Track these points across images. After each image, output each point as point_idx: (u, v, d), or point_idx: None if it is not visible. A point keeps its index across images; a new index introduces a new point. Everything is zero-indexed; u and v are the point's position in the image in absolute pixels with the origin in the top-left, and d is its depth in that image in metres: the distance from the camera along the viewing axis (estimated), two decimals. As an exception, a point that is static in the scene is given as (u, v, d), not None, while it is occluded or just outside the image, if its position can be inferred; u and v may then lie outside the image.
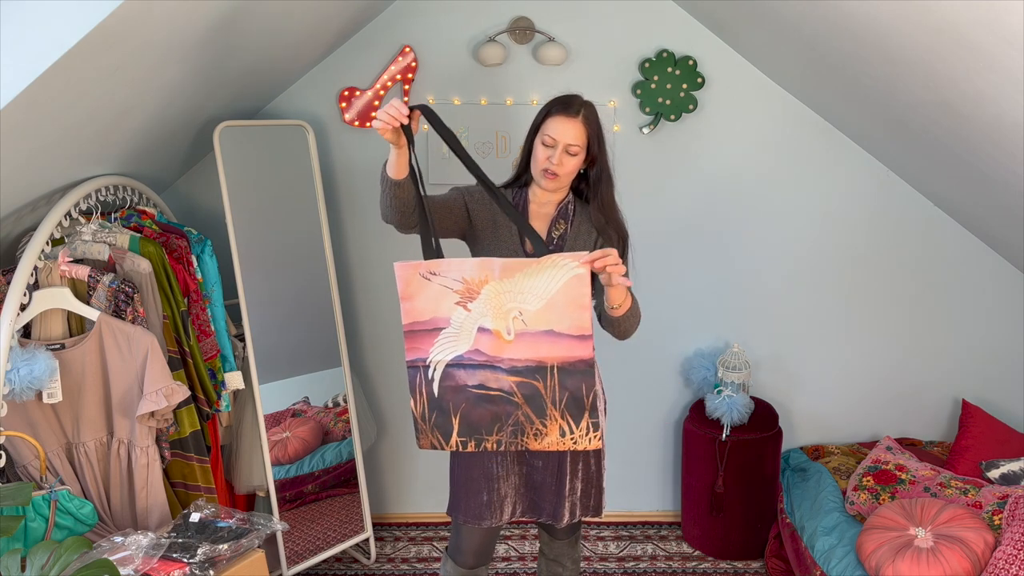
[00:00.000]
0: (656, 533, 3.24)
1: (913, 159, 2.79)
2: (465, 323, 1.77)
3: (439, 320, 1.78)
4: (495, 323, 1.75)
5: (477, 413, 1.80)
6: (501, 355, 1.76)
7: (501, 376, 1.77)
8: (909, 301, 3.13)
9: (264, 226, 2.71)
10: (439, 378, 1.80)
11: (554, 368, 1.75)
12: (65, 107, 1.80)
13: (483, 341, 1.77)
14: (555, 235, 2.05)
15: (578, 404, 1.76)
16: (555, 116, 1.95)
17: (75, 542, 1.71)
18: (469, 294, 1.76)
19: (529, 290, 1.73)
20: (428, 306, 1.78)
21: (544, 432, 1.79)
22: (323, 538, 2.82)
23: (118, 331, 2.14)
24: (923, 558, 2.16)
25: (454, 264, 1.76)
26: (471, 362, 1.78)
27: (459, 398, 1.80)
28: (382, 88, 2.88)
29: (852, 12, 1.98)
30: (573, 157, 1.96)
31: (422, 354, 1.80)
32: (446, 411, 1.82)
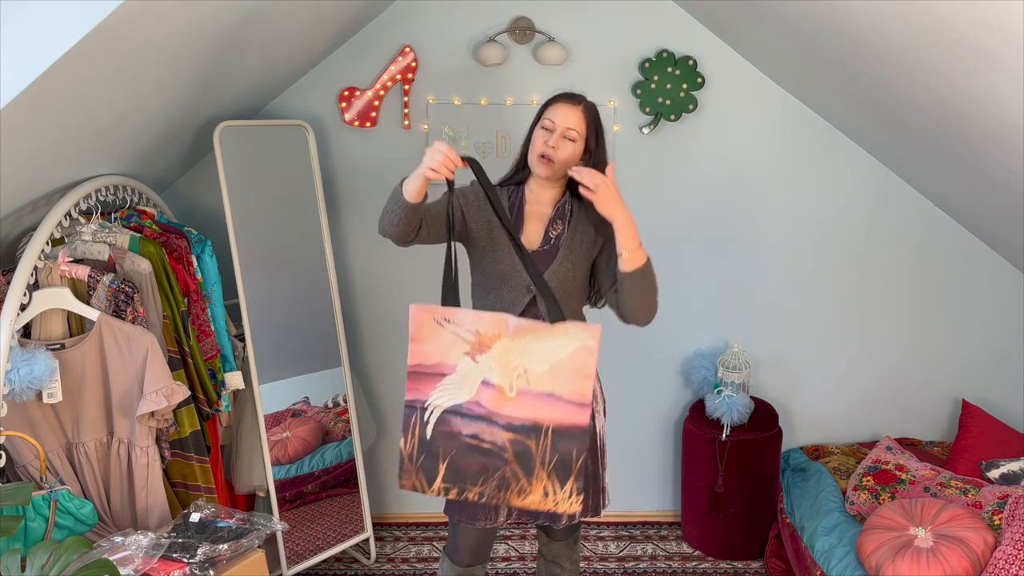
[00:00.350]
0: (656, 533, 3.24)
1: (913, 159, 2.79)
2: (470, 374, 1.79)
3: (445, 367, 1.80)
4: (500, 379, 1.77)
5: (466, 462, 1.80)
6: (500, 411, 1.77)
7: (496, 431, 1.77)
8: (909, 301, 3.13)
9: (264, 226, 2.71)
10: (434, 422, 1.81)
11: (549, 430, 1.76)
12: (65, 107, 1.80)
13: (485, 394, 1.78)
14: (552, 235, 2.04)
15: (566, 468, 1.76)
16: (557, 103, 1.99)
17: (75, 542, 1.71)
18: (480, 347, 1.78)
19: (538, 352, 1.76)
20: (437, 351, 1.80)
21: (528, 491, 1.79)
22: (323, 538, 2.82)
23: (118, 331, 2.14)
24: (923, 558, 2.16)
25: (470, 315, 1.78)
26: (469, 412, 1.79)
27: (450, 444, 1.80)
28: (382, 88, 2.88)
29: (852, 12, 1.98)
30: (571, 143, 1.97)
31: (422, 396, 1.81)
32: (435, 455, 1.81)
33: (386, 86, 2.87)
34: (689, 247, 3.09)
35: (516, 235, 1.98)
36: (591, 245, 2.05)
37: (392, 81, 2.87)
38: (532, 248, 2.05)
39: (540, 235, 2.05)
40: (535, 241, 2.05)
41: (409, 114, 2.92)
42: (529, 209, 2.06)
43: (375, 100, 2.89)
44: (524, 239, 2.05)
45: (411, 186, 1.88)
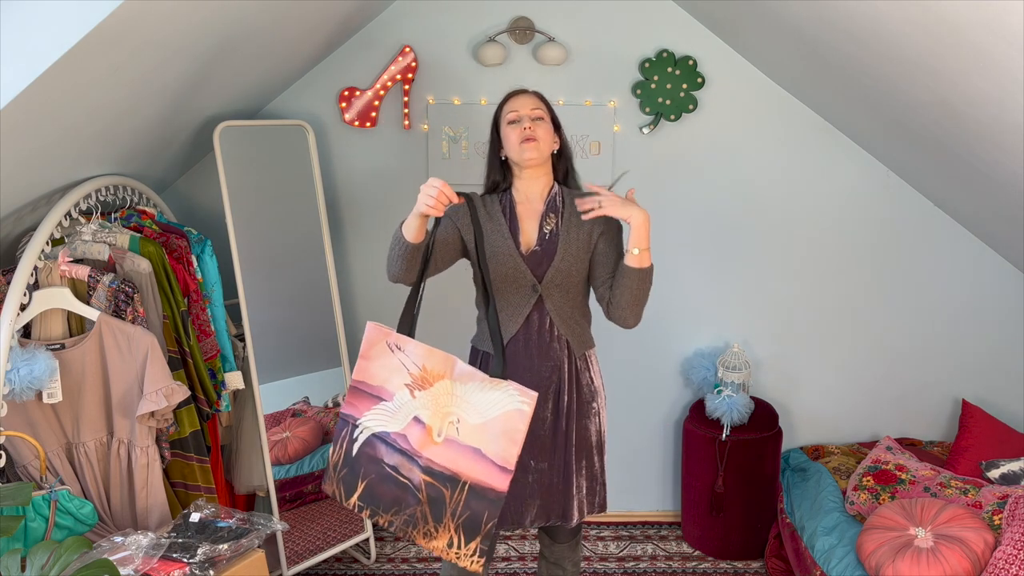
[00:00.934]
0: (656, 533, 3.24)
1: (913, 159, 2.79)
2: (405, 406, 1.78)
3: (385, 392, 1.81)
4: (430, 420, 1.76)
5: (382, 489, 1.81)
6: (423, 451, 1.76)
7: (415, 470, 1.77)
8: (909, 301, 3.13)
9: (264, 226, 2.71)
10: (361, 442, 1.82)
11: (466, 485, 1.73)
12: (65, 107, 1.80)
13: (413, 431, 1.77)
14: (547, 230, 2.06)
15: (475, 527, 1.73)
16: (510, 98, 2.08)
17: (75, 542, 1.71)
18: (422, 382, 1.77)
19: (474, 404, 1.73)
20: (381, 374, 1.81)
21: (434, 535, 1.77)
22: (323, 538, 2.82)
23: (118, 331, 2.14)
24: (923, 558, 2.16)
25: (421, 349, 1.78)
26: (395, 443, 1.79)
27: (371, 468, 1.81)
28: (382, 88, 2.88)
29: (852, 12, 1.98)
30: (541, 121, 2.03)
31: (356, 413, 1.84)
32: (356, 473, 1.83)
33: (386, 86, 2.87)
34: (689, 247, 3.09)
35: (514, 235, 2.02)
36: (588, 235, 2.06)
37: (392, 81, 2.87)
38: (529, 248, 2.05)
39: (535, 233, 2.06)
40: (531, 241, 2.06)
41: (409, 114, 2.92)
42: (521, 209, 2.08)
43: (375, 100, 2.89)
44: (522, 239, 2.06)
45: (410, 226, 1.88)
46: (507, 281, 2.03)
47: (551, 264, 2.02)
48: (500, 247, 2.03)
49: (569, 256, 2.03)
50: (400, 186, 3.00)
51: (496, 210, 2.08)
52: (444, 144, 2.94)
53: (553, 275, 2.02)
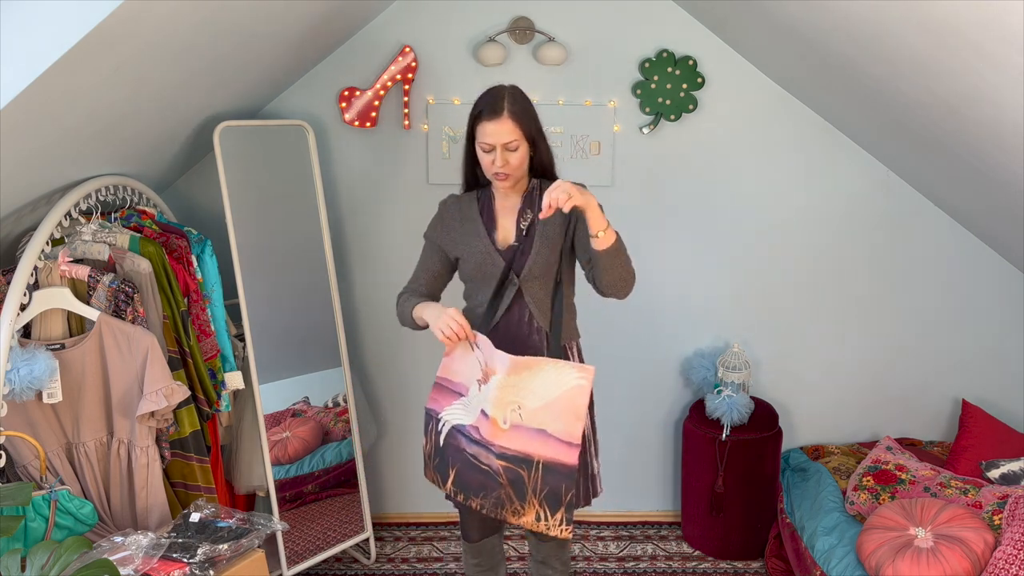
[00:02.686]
0: (656, 533, 3.24)
1: (913, 159, 2.79)
2: (475, 400, 1.94)
3: (463, 387, 1.97)
4: (494, 411, 1.89)
5: (468, 475, 1.95)
6: (494, 440, 1.89)
7: (491, 457, 1.90)
8: (909, 301, 3.13)
9: (264, 226, 2.71)
10: (445, 433, 1.98)
11: (539, 463, 1.85)
12: (65, 107, 1.80)
13: (482, 423, 1.92)
14: (523, 226, 2.09)
15: (556, 499, 1.85)
16: (483, 122, 1.98)
17: (75, 542, 1.71)
18: (485, 377, 1.93)
19: (533, 389, 1.86)
20: (462, 369, 1.98)
21: (522, 512, 1.90)
22: (323, 538, 2.82)
23: (118, 331, 2.14)
24: (923, 558, 2.16)
25: (485, 347, 1.93)
26: (470, 435, 1.94)
27: (457, 457, 1.97)
28: (382, 88, 2.87)
29: (852, 12, 1.98)
30: (515, 152, 2.00)
31: (438, 407, 2.00)
32: (446, 461, 1.99)
33: (386, 86, 2.87)
34: (689, 247, 3.09)
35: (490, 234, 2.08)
36: (562, 226, 2.09)
37: (392, 81, 2.87)
38: (508, 244, 2.10)
39: (513, 230, 2.10)
40: (509, 237, 2.11)
41: (409, 114, 2.92)
42: (499, 206, 2.12)
43: (375, 100, 2.89)
44: (499, 236, 2.11)
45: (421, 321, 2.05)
46: (485, 277, 2.09)
47: (527, 259, 2.06)
48: (477, 246, 2.08)
49: (546, 249, 2.06)
50: (400, 186, 3.00)
51: (473, 210, 2.12)
52: (444, 144, 2.94)
53: (531, 267, 2.05)
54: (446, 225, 2.15)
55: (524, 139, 2.00)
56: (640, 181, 3.02)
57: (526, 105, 2.02)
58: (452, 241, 2.13)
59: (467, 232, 2.10)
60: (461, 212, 2.13)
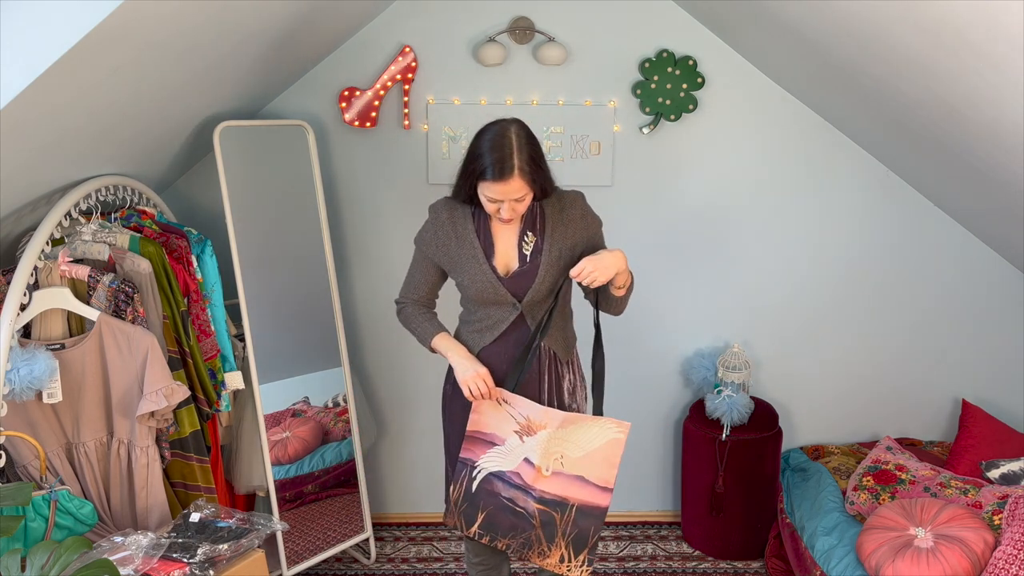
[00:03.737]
0: (656, 533, 3.24)
1: (913, 159, 2.79)
2: (516, 449, 2.08)
3: (496, 437, 2.10)
4: (540, 460, 2.06)
5: (500, 517, 2.09)
6: (535, 485, 2.05)
7: (529, 500, 2.05)
8: (909, 301, 3.13)
9: (264, 226, 2.71)
10: (480, 480, 2.10)
11: (574, 507, 2.03)
12: (65, 107, 1.80)
13: (524, 469, 2.07)
14: (526, 251, 2.04)
15: (583, 541, 2.03)
16: (490, 181, 1.88)
17: (75, 542, 1.71)
18: (528, 430, 2.07)
19: (575, 441, 2.04)
20: (492, 422, 2.10)
21: (547, 554, 2.05)
22: (323, 538, 2.82)
23: (118, 331, 2.14)
24: (923, 558, 2.16)
25: (525, 403, 2.08)
26: (510, 480, 2.08)
27: (490, 500, 2.09)
28: (382, 88, 2.88)
29: (852, 12, 1.98)
30: (522, 202, 1.94)
31: (474, 457, 2.12)
32: (476, 506, 2.11)
33: (386, 86, 2.87)
34: (689, 247, 3.09)
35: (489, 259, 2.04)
36: (571, 249, 2.07)
37: (392, 81, 2.87)
38: (511, 270, 2.06)
39: (515, 253, 2.05)
40: (512, 262, 2.06)
41: (409, 114, 2.92)
42: (496, 226, 2.06)
43: (375, 100, 2.89)
44: (498, 262, 2.05)
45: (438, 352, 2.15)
46: (486, 301, 2.08)
47: (532, 284, 2.04)
48: (477, 273, 2.04)
49: (551, 275, 2.05)
50: (400, 186, 3.00)
51: (468, 228, 2.05)
52: (444, 144, 2.94)
53: (534, 294, 2.05)
54: (440, 241, 2.07)
55: (529, 190, 1.93)
56: (640, 181, 3.02)
57: (532, 151, 1.92)
58: (448, 259, 2.08)
59: (464, 255, 2.05)
60: (455, 228, 2.05)
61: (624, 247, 3.01)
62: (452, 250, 2.06)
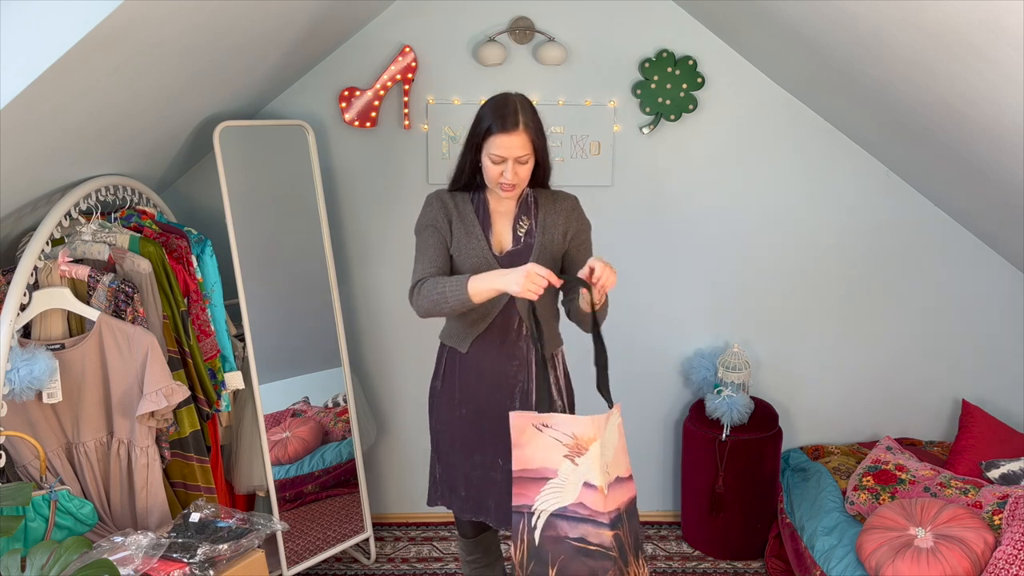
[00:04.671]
0: (656, 533, 3.24)
1: (913, 159, 2.79)
2: (571, 476, 1.79)
3: (547, 471, 1.81)
4: (600, 479, 1.76)
5: (574, 567, 1.78)
6: (602, 509, 1.76)
7: (603, 531, 1.76)
8: (909, 301, 3.13)
9: (264, 226, 2.71)
10: (541, 527, 1.81)
11: (624, 514, 1.80)
12: (65, 107, 1.80)
13: (587, 496, 1.77)
14: (520, 233, 2.09)
15: (640, 542, 1.84)
16: (496, 135, 1.94)
17: (75, 542, 1.71)
18: (577, 449, 1.79)
19: (609, 443, 1.82)
20: (537, 455, 1.82)
21: None
22: (323, 538, 2.82)
23: (118, 331, 2.14)
24: (923, 558, 2.16)
25: (565, 420, 1.81)
26: (574, 515, 1.79)
27: (558, 549, 1.79)
28: (382, 88, 2.88)
29: (852, 13, 1.98)
30: (525, 165, 1.98)
31: (528, 500, 1.82)
32: (544, 562, 1.80)
33: (386, 86, 2.87)
34: (689, 247, 3.09)
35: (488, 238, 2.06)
36: (563, 236, 2.10)
37: (392, 81, 2.87)
38: (505, 249, 2.09)
39: (510, 235, 2.10)
40: (506, 242, 2.10)
41: (409, 114, 2.92)
42: (494, 208, 2.12)
43: (375, 100, 2.89)
44: (495, 241, 2.10)
45: (485, 294, 1.92)
46: None
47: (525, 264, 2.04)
48: (474, 248, 2.07)
49: (544, 259, 2.06)
50: (400, 186, 3.00)
51: (468, 210, 2.10)
52: (444, 144, 2.94)
53: None
54: (446, 212, 2.09)
55: (534, 153, 1.99)
56: (640, 181, 3.02)
57: (537, 118, 2.00)
58: (450, 233, 2.10)
59: (464, 231, 2.08)
60: (457, 208, 2.10)
61: (624, 247, 3.04)
62: (455, 224, 2.09)
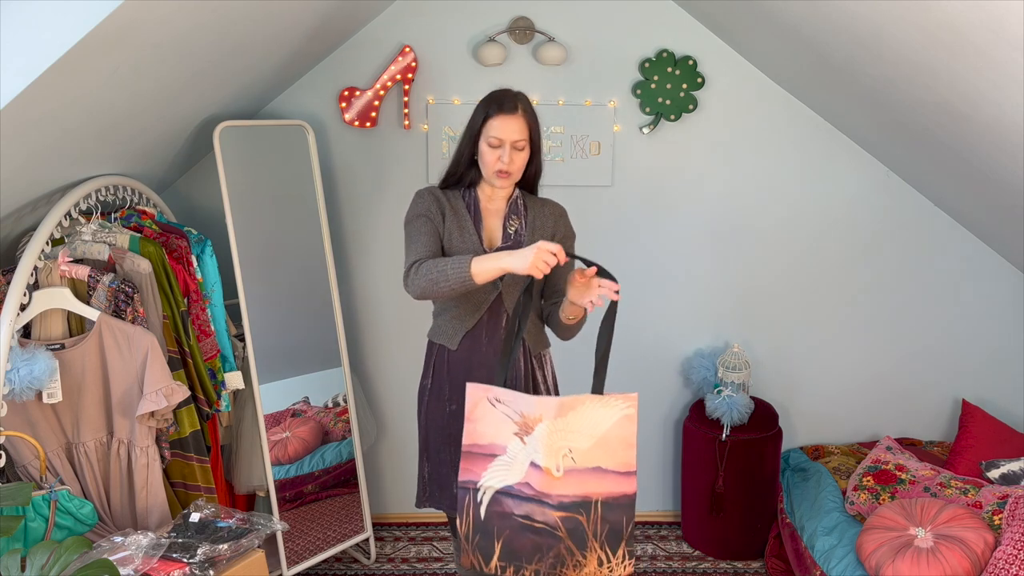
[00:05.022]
0: (656, 533, 3.24)
1: (913, 159, 2.79)
2: (519, 455, 1.82)
3: (496, 447, 1.83)
4: (546, 460, 1.78)
5: (520, 541, 1.82)
6: (550, 491, 1.78)
7: (548, 511, 1.79)
8: (909, 301, 3.13)
9: (264, 226, 2.71)
10: (487, 502, 1.83)
11: (598, 503, 1.79)
12: (65, 107, 1.80)
13: (533, 476, 1.80)
14: (511, 231, 2.11)
15: (617, 536, 1.80)
16: (495, 116, 2.00)
17: (75, 542, 1.71)
18: (526, 428, 1.81)
19: (579, 429, 1.78)
20: (488, 431, 1.83)
21: (583, 563, 1.82)
22: (323, 538, 2.82)
23: (118, 331, 2.14)
24: (923, 558, 2.16)
25: (518, 397, 1.82)
26: (520, 493, 1.81)
27: (504, 524, 1.82)
28: (382, 88, 2.87)
29: (852, 13, 1.98)
30: (521, 152, 2.02)
31: (474, 477, 1.84)
32: (490, 535, 1.83)
33: (386, 86, 2.87)
34: (689, 247, 3.09)
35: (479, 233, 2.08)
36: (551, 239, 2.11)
37: (392, 81, 2.87)
38: (495, 245, 2.11)
39: (500, 232, 2.12)
40: (497, 239, 2.12)
41: (409, 114, 2.92)
42: (484, 206, 2.13)
43: (375, 100, 2.89)
44: (485, 236, 2.11)
45: (490, 273, 1.91)
46: None
47: None
48: (466, 242, 2.08)
49: None
50: (400, 186, 3.00)
51: (460, 205, 2.12)
52: (444, 144, 2.94)
53: (512, 276, 2.03)
54: (438, 205, 2.09)
55: (530, 143, 2.03)
56: (640, 181, 3.02)
57: (534, 111, 2.06)
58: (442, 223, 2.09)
59: (457, 225, 2.09)
60: (449, 203, 2.11)
61: (624, 246, 3.04)
62: (448, 217, 2.10)
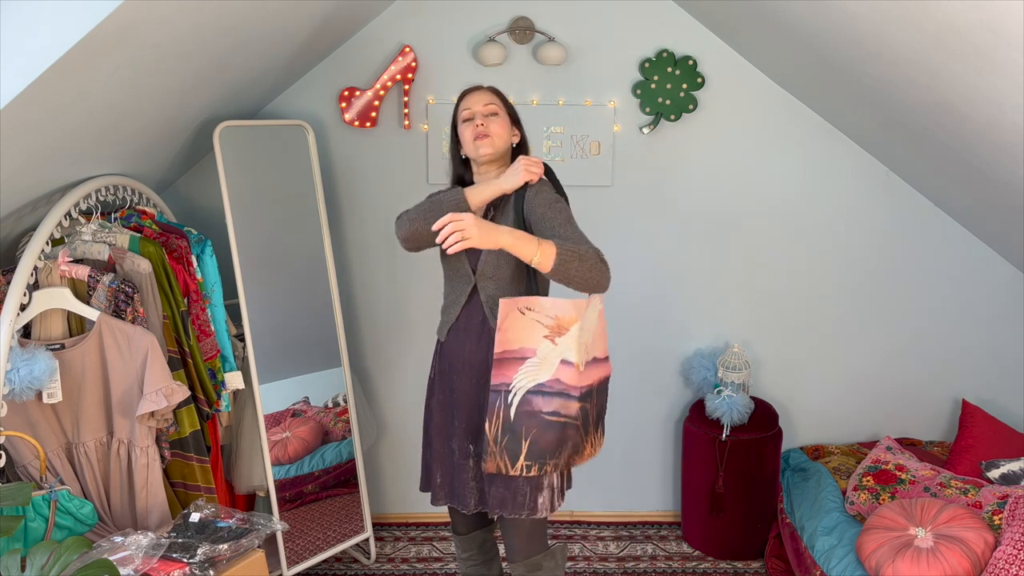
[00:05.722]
0: (656, 533, 3.24)
1: (913, 159, 2.79)
2: (550, 355, 1.92)
3: (526, 351, 1.92)
4: (577, 357, 1.92)
5: (545, 439, 1.92)
6: (577, 384, 1.93)
7: (572, 403, 1.93)
8: (909, 301, 3.13)
9: (264, 226, 2.71)
10: (517, 403, 1.92)
11: (594, 390, 1.99)
12: (65, 107, 1.80)
13: (564, 372, 1.92)
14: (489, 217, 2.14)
15: (601, 416, 2.05)
16: (464, 96, 2.12)
17: (75, 542, 1.71)
18: (558, 330, 1.92)
19: (588, 327, 1.95)
20: (518, 336, 1.92)
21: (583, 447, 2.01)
22: (323, 538, 2.82)
23: (118, 331, 2.14)
24: (923, 558, 2.16)
25: (548, 303, 1.92)
26: (549, 390, 1.92)
27: (532, 423, 1.92)
28: (382, 88, 2.88)
29: (852, 13, 1.98)
30: (496, 116, 2.06)
31: (507, 380, 1.93)
32: (517, 434, 1.92)
33: (386, 86, 2.87)
34: (689, 247, 3.09)
35: None
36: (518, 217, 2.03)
37: (392, 81, 2.87)
38: None
39: None
40: None
41: (409, 114, 2.92)
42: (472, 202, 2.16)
43: (375, 100, 2.89)
44: None
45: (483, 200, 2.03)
46: (454, 271, 2.13)
47: (481, 254, 2.06)
48: None
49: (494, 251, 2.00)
50: (400, 186, 3.00)
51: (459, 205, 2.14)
52: (444, 144, 2.94)
53: (483, 267, 2.05)
54: None
55: (503, 110, 2.08)
56: (640, 181, 3.02)
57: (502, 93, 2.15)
58: None
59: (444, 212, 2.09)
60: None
61: (624, 246, 3.04)
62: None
